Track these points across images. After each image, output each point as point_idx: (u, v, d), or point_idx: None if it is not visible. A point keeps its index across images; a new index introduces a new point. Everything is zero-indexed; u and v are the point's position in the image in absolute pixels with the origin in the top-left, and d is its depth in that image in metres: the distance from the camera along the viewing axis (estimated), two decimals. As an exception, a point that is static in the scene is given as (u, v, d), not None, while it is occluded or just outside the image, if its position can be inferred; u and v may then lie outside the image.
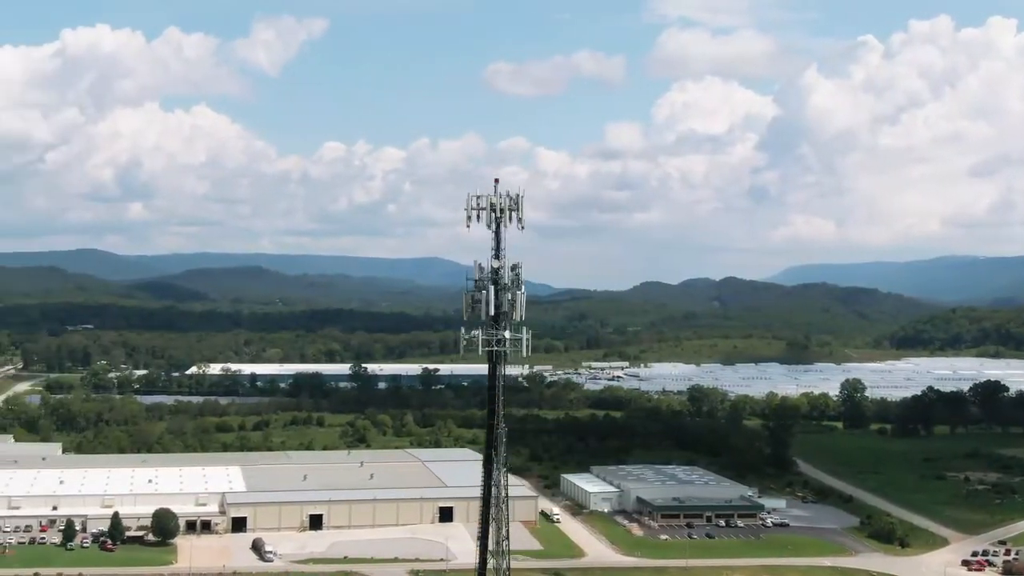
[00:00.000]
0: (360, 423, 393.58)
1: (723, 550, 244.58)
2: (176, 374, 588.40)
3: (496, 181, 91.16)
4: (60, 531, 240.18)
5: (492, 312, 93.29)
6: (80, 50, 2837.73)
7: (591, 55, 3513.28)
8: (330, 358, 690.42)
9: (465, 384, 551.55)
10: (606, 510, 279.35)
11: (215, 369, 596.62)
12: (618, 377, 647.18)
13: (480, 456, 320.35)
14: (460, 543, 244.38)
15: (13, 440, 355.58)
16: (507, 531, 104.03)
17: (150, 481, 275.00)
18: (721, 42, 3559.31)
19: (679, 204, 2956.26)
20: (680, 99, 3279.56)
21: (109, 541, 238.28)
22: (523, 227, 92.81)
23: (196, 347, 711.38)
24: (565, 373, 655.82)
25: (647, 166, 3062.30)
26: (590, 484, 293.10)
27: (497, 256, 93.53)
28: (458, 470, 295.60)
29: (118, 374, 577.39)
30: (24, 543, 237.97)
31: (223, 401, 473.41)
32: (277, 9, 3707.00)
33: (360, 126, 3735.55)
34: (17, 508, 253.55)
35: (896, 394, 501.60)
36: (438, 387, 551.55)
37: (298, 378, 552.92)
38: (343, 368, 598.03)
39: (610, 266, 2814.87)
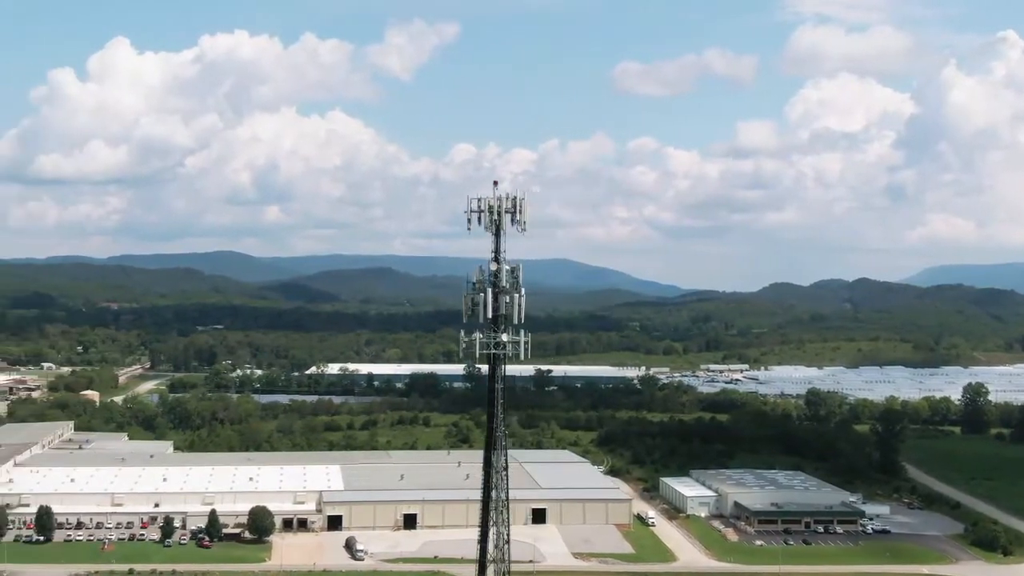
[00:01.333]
0: (464, 423, 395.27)
1: (818, 556, 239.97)
2: (296, 374, 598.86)
3: (495, 184, 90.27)
4: (160, 528, 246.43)
5: (490, 315, 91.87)
6: (219, 56, 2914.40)
7: (721, 53, 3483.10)
8: (447, 358, 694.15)
9: (578, 385, 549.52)
10: (703, 514, 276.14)
11: (333, 369, 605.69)
12: (736, 380, 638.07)
13: (578, 458, 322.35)
14: (550, 545, 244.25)
15: (127, 438, 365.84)
16: (508, 535, 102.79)
17: (251, 479, 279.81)
18: (856, 39, 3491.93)
19: (812, 203, 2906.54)
20: (814, 97, 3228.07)
21: (206, 538, 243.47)
22: (524, 230, 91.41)
23: (318, 347, 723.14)
24: (682, 375, 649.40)
25: (780, 165, 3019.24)
26: (688, 488, 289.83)
27: (496, 258, 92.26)
28: (554, 471, 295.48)
29: (240, 374, 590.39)
30: (124, 539, 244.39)
31: (337, 400, 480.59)
32: (409, 14, 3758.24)
33: (490, 128, 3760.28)
34: (120, 505, 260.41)
35: (1021, 398, 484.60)
36: (551, 388, 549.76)
37: (413, 378, 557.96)
38: (458, 368, 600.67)
39: (739, 267, 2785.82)
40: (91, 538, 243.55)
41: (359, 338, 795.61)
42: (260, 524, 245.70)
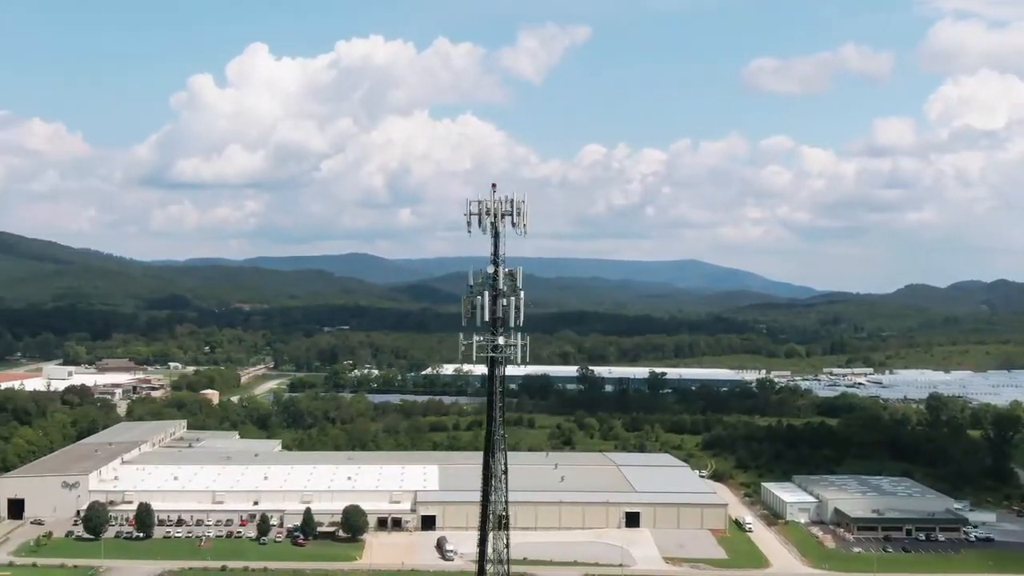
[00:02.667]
0: (566, 425, 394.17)
1: (915, 564, 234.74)
2: (411, 374, 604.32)
3: (494, 186, 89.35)
4: (257, 526, 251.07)
5: (487, 318, 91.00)
6: (354, 61, 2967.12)
7: (857, 50, 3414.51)
8: (564, 360, 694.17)
9: (693, 388, 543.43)
10: (803, 520, 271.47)
11: (448, 370, 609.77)
12: (859, 384, 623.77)
13: (678, 462, 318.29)
14: (642, 549, 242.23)
15: (238, 437, 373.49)
16: (507, 539, 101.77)
17: (349, 478, 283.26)
18: (997, 34, 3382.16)
19: (952, 203, 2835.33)
20: (954, 94, 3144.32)
21: (301, 536, 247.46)
22: (524, 233, 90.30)
23: (437, 348, 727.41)
24: (803, 379, 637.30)
25: (919, 164, 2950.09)
26: (789, 493, 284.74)
27: (495, 261, 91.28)
28: (651, 475, 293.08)
29: (358, 374, 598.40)
30: (222, 536, 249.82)
31: (447, 401, 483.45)
32: (541, 18, 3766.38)
33: (621, 129, 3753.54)
34: (221, 502, 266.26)
35: None
36: (665, 391, 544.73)
37: (526, 379, 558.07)
38: (571, 370, 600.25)
39: (875, 268, 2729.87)
40: (190, 535, 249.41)
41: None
42: (353, 523, 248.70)
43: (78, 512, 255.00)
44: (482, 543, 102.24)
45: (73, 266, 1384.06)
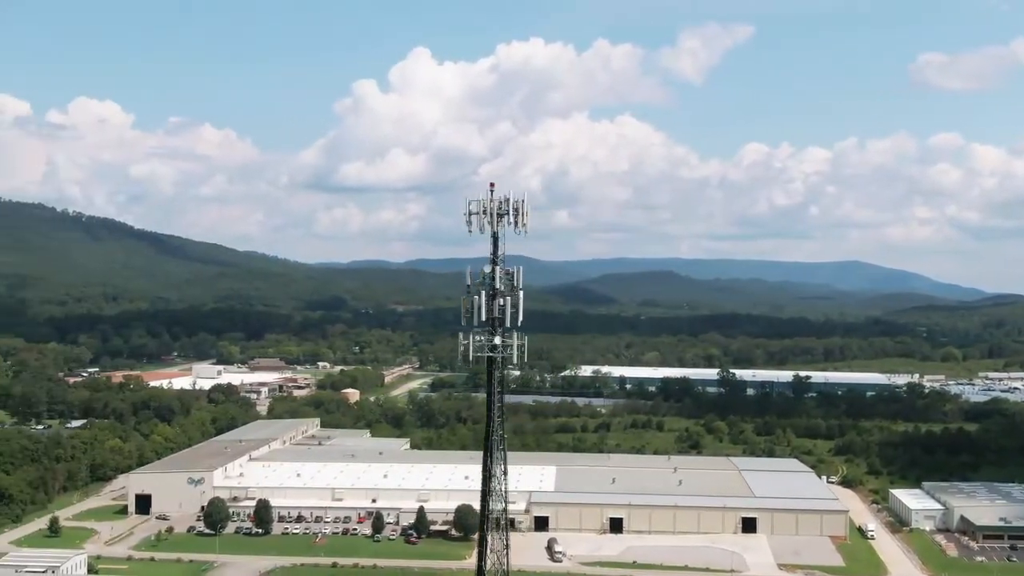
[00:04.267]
0: (695, 429, 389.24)
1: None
2: (548, 375, 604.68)
3: (492, 186, 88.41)
4: (371, 523, 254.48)
5: (484, 318, 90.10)
6: (514, 64, 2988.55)
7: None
8: (708, 362, 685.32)
9: (839, 392, 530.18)
10: (928, 528, 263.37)
11: (587, 371, 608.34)
12: (1015, 388, 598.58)
13: (803, 467, 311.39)
14: (757, 555, 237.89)
15: (368, 435, 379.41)
16: (507, 541, 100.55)
17: (466, 478, 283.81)
18: None
19: None
20: None
21: (414, 534, 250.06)
22: (524, 233, 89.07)
23: (579, 349, 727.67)
24: (957, 383, 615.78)
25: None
26: (915, 500, 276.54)
27: (494, 260, 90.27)
28: (772, 480, 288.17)
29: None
30: (338, 533, 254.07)
31: (580, 402, 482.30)
32: (702, 18, 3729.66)
33: (783, 128, 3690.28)
34: (340, 500, 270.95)
35: None
36: (809, 395, 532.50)
37: (666, 382, 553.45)
38: (712, 373, 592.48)
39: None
40: (307, 531, 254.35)
41: (620, 341, 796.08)
42: (465, 522, 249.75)
43: (202, 508, 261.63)
44: (481, 543, 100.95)
45: (237, 268, 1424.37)
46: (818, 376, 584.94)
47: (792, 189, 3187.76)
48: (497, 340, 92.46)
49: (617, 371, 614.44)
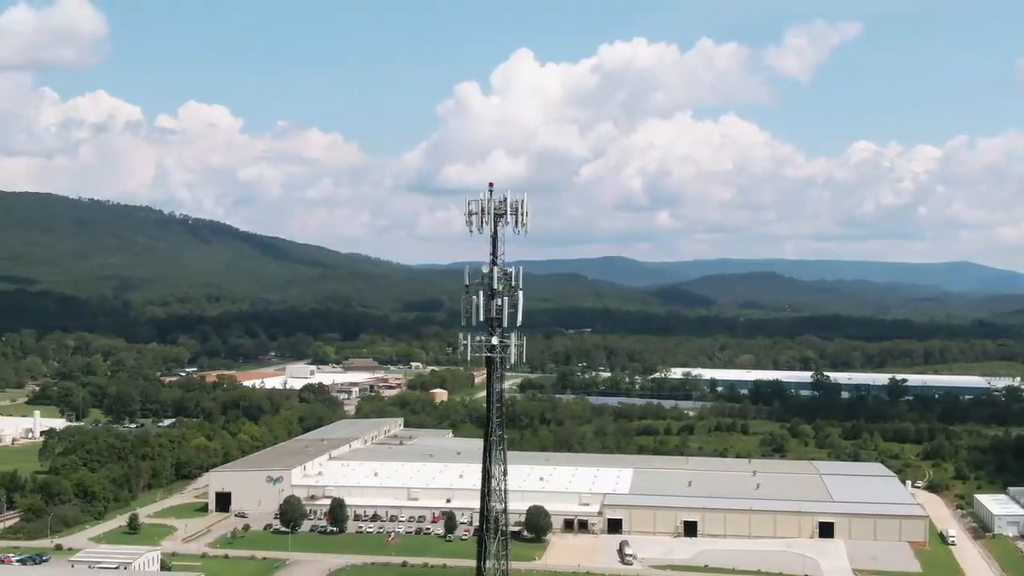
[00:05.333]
0: (779, 432, 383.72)
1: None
2: (638, 378, 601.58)
3: (491, 185, 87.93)
4: (445, 523, 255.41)
5: (482, 318, 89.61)
6: (616, 65, 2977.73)
7: None
8: (804, 365, 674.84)
9: (936, 396, 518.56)
10: (1011, 534, 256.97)
11: (677, 373, 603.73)
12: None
13: (886, 471, 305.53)
14: (832, 560, 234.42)
15: (450, 435, 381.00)
16: (508, 544, 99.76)
17: (541, 479, 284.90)
18: None
19: None
20: None
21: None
22: (524, 233, 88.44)
23: (672, 351, 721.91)
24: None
25: None
26: (1000, 505, 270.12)
27: (494, 260, 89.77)
28: (852, 485, 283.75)
29: (586, 376, 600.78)
30: (412, 532, 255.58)
31: (667, 405, 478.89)
32: (809, 15, 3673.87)
33: (892, 127, 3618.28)
34: (415, 500, 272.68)
35: None
36: (905, 398, 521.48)
37: (758, 385, 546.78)
38: (805, 376, 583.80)
39: None
40: (381, 530, 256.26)
41: (715, 343, 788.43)
42: (536, 523, 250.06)
43: (280, 506, 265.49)
44: (480, 544, 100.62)
45: (339, 270, 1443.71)
46: (915, 379, 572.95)
47: (901, 188, 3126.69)
48: (495, 340, 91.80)
49: (708, 373, 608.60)
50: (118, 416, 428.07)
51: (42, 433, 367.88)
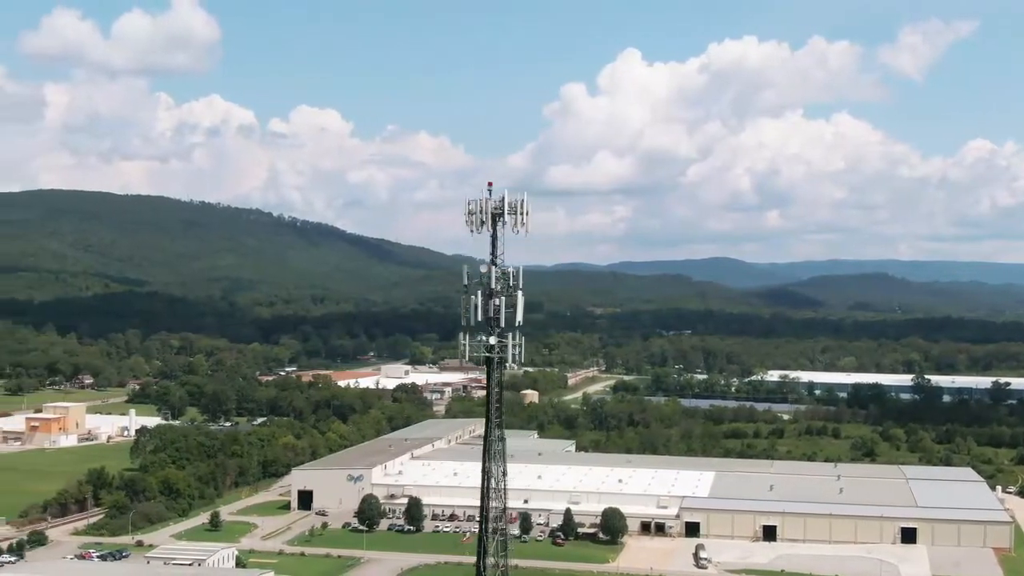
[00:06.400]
0: (870, 436, 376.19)
1: None
2: (734, 380, 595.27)
3: (490, 185, 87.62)
4: (520, 524, 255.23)
5: (480, 318, 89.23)
6: (725, 64, 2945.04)
7: None
8: (908, 368, 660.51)
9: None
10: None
11: (774, 376, 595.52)
12: None
13: (975, 476, 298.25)
14: (913, 566, 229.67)
15: (536, 436, 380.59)
16: (507, 545, 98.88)
17: (620, 481, 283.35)
18: None
19: None
20: None
21: (561, 536, 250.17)
22: (524, 232, 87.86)
23: (771, 354, 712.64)
24: None
25: None
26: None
27: (493, 261, 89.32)
28: (938, 489, 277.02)
29: (682, 378, 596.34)
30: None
31: (760, 407, 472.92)
32: (925, 13, 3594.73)
33: (1008, 125, 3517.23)
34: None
35: None
36: (1010, 402, 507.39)
37: (856, 388, 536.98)
38: (906, 379, 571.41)
39: None
40: (457, 530, 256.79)
41: (817, 345, 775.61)
42: (611, 525, 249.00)
43: (359, 504, 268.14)
44: (480, 545, 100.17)
45: (442, 271, 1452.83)
46: (1020, 383, 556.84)
47: (1017, 188, 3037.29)
48: (493, 340, 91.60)
49: (807, 376, 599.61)
50: (213, 415, 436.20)
51: (136, 431, 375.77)
